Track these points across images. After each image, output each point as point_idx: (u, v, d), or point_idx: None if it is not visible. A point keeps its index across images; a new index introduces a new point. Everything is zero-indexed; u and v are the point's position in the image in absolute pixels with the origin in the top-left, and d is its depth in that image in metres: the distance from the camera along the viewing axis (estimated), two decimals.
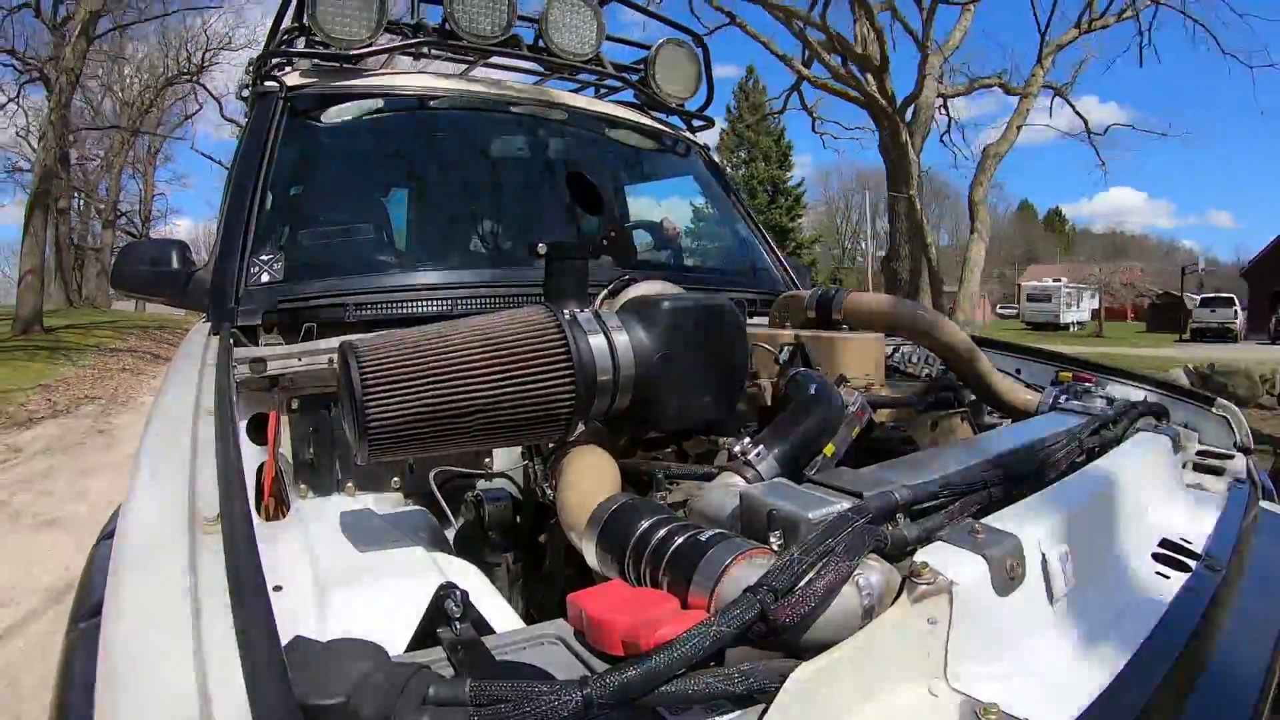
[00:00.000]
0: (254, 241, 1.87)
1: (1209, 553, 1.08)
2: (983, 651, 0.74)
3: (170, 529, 0.69)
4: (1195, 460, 1.50)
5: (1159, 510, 1.19)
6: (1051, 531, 0.86)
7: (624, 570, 0.88)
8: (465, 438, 1.04)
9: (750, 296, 2.25)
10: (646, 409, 1.17)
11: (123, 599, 0.61)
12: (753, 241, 2.76)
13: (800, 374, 1.32)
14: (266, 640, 0.54)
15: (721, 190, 2.86)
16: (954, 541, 0.80)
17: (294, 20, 2.28)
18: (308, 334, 1.72)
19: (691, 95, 2.80)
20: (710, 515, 0.96)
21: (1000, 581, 0.77)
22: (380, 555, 1.16)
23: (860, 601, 0.71)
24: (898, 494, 0.85)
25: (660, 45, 2.71)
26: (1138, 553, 1.05)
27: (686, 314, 1.18)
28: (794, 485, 0.94)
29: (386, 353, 1.02)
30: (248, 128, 2.18)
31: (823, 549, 0.71)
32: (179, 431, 0.97)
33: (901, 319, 1.62)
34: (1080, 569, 0.88)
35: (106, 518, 1.91)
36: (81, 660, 0.96)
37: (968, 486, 0.93)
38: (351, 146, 2.38)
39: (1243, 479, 1.42)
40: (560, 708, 0.55)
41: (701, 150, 2.91)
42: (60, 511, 4.68)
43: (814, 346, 1.54)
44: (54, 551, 3.88)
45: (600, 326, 1.14)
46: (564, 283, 1.45)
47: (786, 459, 1.11)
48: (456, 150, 2.49)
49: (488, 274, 2.01)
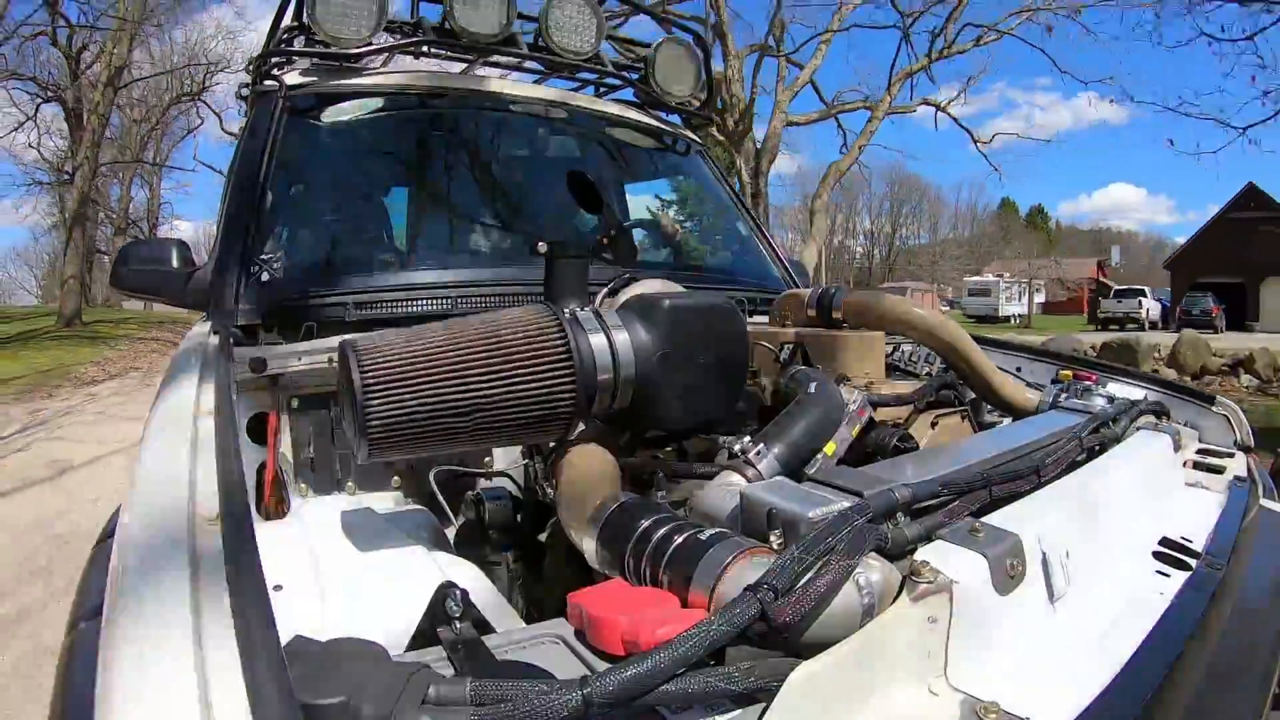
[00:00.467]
0: (254, 241, 1.87)
1: (1210, 551, 1.08)
2: (983, 650, 0.74)
3: (170, 529, 0.69)
4: (1195, 459, 1.50)
5: (1159, 509, 1.19)
6: (1052, 530, 0.86)
7: (624, 569, 0.88)
8: (465, 437, 1.04)
9: (750, 295, 2.25)
10: (647, 408, 1.17)
11: (123, 599, 0.61)
12: (753, 240, 2.76)
13: (801, 372, 1.32)
14: (267, 640, 0.54)
15: (721, 189, 2.86)
16: (954, 540, 0.79)
17: (293, 19, 2.27)
18: (308, 333, 1.71)
19: (691, 93, 2.80)
20: (710, 514, 0.96)
21: (1001, 580, 0.77)
22: (380, 555, 1.16)
23: (860, 600, 0.71)
24: (898, 493, 0.85)
25: (660, 44, 2.70)
26: (1138, 551, 1.05)
27: (687, 313, 1.18)
28: (794, 484, 0.94)
29: (386, 351, 1.02)
30: (247, 127, 2.18)
31: (823, 548, 0.71)
32: (179, 431, 0.97)
33: (902, 317, 1.62)
34: (1081, 568, 0.88)
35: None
36: (82, 661, 0.96)
37: (968, 485, 0.93)
38: (351, 145, 2.38)
39: (1243, 477, 1.42)
40: (560, 707, 0.55)
41: (701, 148, 2.90)
42: (132, 415, 7.66)
43: (814, 345, 1.54)
44: (132, 430, 5.54)
45: (600, 325, 1.14)
46: (564, 282, 1.45)
47: (787, 458, 1.11)
48: (456, 149, 2.49)
49: (488, 273, 2.01)
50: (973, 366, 1.59)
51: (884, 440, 1.31)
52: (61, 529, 4.30)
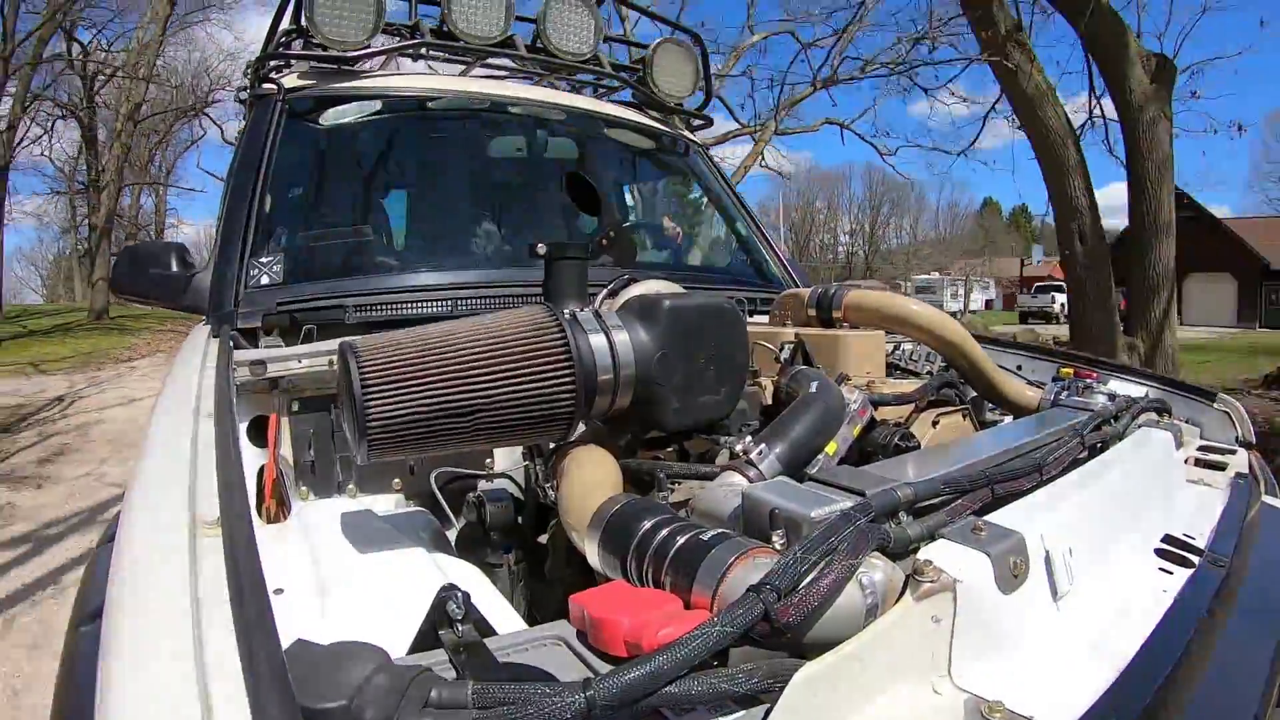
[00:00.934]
0: (253, 244, 1.86)
1: (1212, 549, 1.08)
2: (987, 649, 0.74)
3: (171, 532, 0.69)
4: (1197, 456, 1.50)
5: (1162, 506, 1.18)
6: (1054, 528, 0.86)
7: (626, 570, 0.87)
8: (465, 438, 1.04)
9: (750, 295, 2.25)
10: (647, 408, 1.16)
11: (124, 603, 0.61)
12: (752, 240, 2.75)
13: (801, 372, 1.32)
14: (268, 644, 0.54)
15: (721, 189, 2.86)
16: (957, 539, 0.79)
17: (291, 22, 2.27)
18: (307, 336, 1.71)
19: (690, 94, 2.80)
20: (712, 514, 0.96)
21: (1004, 579, 0.77)
22: (381, 557, 1.15)
23: (864, 600, 0.71)
24: (900, 492, 0.85)
25: (658, 44, 2.71)
26: (1141, 549, 1.05)
27: (687, 313, 1.18)
28: (796, 484, 0.94)
29: (386, 352, 1.02)
30: (246, 130, 2.18)
31: (826, 548, 0.70)
32: (179, 435, 0.97)
33: (902, 316, 1.62)
34: (1083, 566, 0.88)
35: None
36: (82, 664, 0.95)
37: (970, 484, 0.93)
38: (350, 148, 2.38)
39: (1245, 474, 1.42)
40: (563, 709, 0.54)
41: (700, 149, 2.90)
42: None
43: (815, 345, 1.54)
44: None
45: (600, 326, 1.14)
46: (563, 283, 1.45)
47: (788, 457, 1.10)
48: (455, 151, 2.49)
49: (487, 274, 2.01)
50: (974, 364, 1.59)
51: (885, 439, 1.30)
52: (140, 422, 7.29)
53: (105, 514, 5.03)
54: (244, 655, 0.52)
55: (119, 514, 1.44)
